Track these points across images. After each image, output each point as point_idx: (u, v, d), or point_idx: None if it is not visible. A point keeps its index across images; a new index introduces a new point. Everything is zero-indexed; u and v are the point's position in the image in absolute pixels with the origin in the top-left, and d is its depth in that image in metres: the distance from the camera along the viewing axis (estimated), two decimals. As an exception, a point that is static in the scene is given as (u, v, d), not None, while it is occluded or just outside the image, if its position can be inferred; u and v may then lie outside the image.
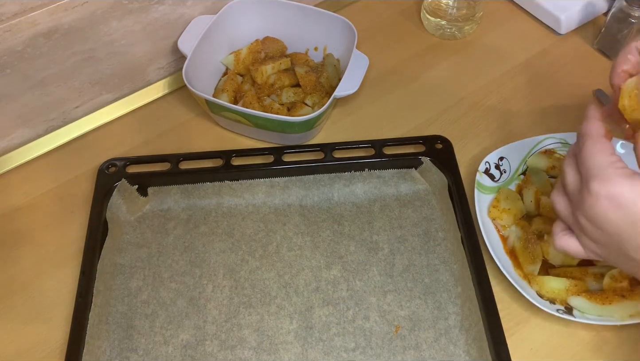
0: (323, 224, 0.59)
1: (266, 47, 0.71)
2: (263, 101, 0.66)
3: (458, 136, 0.66)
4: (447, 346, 0.51)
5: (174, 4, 0.67)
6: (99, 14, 0.62)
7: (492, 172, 0.60)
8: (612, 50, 0.72)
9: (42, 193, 0.63)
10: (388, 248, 0.57)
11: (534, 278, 0.54)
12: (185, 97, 0.71)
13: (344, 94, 0.61)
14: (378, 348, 0.51)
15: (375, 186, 0.62)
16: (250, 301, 0.55)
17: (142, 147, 0.67)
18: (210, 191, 0.61)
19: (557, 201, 0.44)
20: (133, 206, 0.61)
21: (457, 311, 0.53)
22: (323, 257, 0.57)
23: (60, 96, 0.66)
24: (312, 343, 0.52)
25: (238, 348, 0.52)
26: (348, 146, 0.63)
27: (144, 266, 0.57)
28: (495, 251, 0.54)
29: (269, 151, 0.63)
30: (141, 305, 0.54)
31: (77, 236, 0.59)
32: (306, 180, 0.61)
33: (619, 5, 0.68)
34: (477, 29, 0.77)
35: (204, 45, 0.65)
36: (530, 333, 0.53)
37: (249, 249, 0.58)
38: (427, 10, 0.76)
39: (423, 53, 0.75)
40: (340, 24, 0.67)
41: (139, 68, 0.70)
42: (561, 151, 0.62)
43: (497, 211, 0.58)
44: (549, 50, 0.75)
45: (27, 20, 0.57)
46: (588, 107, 0.43)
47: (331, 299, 0.54)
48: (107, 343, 0.52)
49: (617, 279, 0.52)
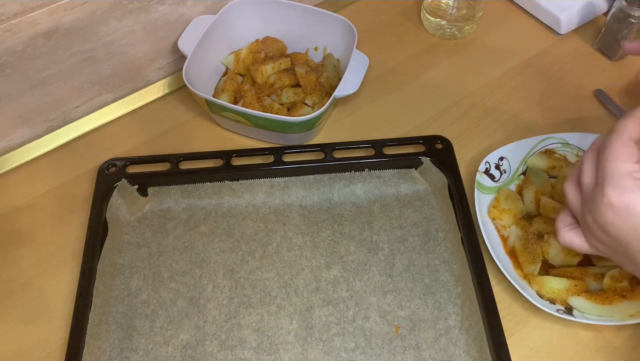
0: (323, 224, 0.59)
1: (266, 47, 0.71)
2: (263, 101, 0.66)
3: (458, 136, 0.66)
4: (447, 346, 0.51)
5: (174, 4, 0.67)
6: (99, 14, 0.62)
7: (492, 172, 0.60)
8: (612, 50, 0.72)
9: (42, 193, 0.63)
10: (388, 248, 0.57)
11: (534, 278, 0.54)
12: (185, 97, 0.71)
13: (344, 94, 0.61)
14: (378, 348, 0.51)
15: (375, 186, 0.62)
16: (250, 301, 0.55)
17: (142, 147, 0.67)
18: (210, 191, 0.61)
19: (570, 193, 0.43)
20: (133, 206, 0.61)
21: (457, 311, 0.53)
22: (323, 257, 0.57)
23: (60, 96, 0.66)
24: (312, 343, 0.52)
25: (238, 348, 0.52)
26: (348, 146, 0.63)
27: (144, 266, 0.57)
28: (495, 251, 0.54)
29: (269, 151, 0.63)
30: (141, 305, 0.54)
31: (77, 236, 0.59)
32: (306, 180, 0.61)
33: (619, 5, 0.68)
34: (477, 29, 0.77)
35: (204, 45, 0.65)
36: (530, 333, 0.53)
37: (249, 249, 0.58)
38: (427, 10, 0.76)
39: (423, 53, 0.75)
40: (340, 24, 0.67)
41: (139, 68, 0.70)
42: (561, 151, 0.62)
43: (497, 211, 0.58)
44: (549, 51, 0.75)
45: (27, 20, 0.57)
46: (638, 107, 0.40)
47: (331, 299, 0.54)
48: (107, 343, 0.52)
49: (617, 279, 0.52)
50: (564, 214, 0.45)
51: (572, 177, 0.43)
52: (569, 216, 0.44)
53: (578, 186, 0.42)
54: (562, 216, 0.45)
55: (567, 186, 0.44)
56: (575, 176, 0.43)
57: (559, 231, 0.44)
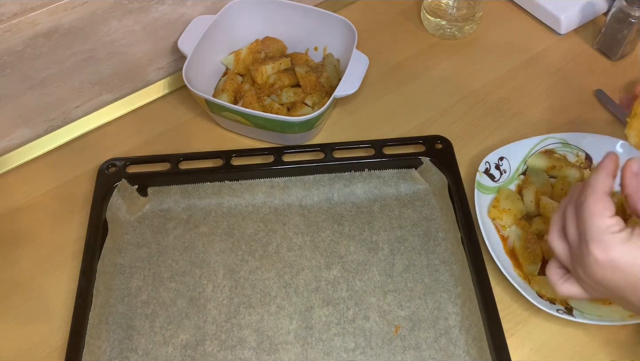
0: (323, 224, 0.59)
1: (266, 47, 0.71)
2: (263, 101, 0.66)
3: (458, 136, 0.66)
4: (447, 346, 0.51)
5: (174, 4, 0.67)
6: (99, 14, 0.62)
7: (492, 173, 0.60)
8: (612, 50, 0.72)
9: (42, 193, 0.63)
10: (388, 248, 0.57)
11: (534, 278, 0.54)
12: (185, 97, 0.71)
13: (344, 94, 0.61)
14: (378, 348, 0.51)
15: (375, 186, 0.62)
16: (250, 301, 0.55)
17: (142, 147, 0.67)
18: (210, 191, 0.61)
19: (556, 245, 0.44)
20: (133, 206, 0.61)
21: (457, 311, 0.53)
22: (323, 257, 0.57)
23: (60, 96, 0.66)
24: (312, 343, 0.52)
25: (238, 348, 0.52)
26: (348, 146, 0.63)
27: (144, 266, 0.57)
28: (495, 251, 0.54)
29: (269, 151, 0.63)
30: (141, 305, 0.54)
31: (77, 236, 0.59)
32: (306, 180, 0.61)
33: (619, 5, 0.68)
34: (477, 29, 0.77)
35: (204, 45, 0.65)
36: (530, 333, 0.53)
37: (249, 249, 0.58)
38: (427, 10, 0.76)
39: (423, 53, 0.75)
40: (340, 24, 0.67)
41: (139, 68, 0.70)
42: (561, 151, 0.62)
43: (497, 211, 0.58)
44: (549, 51, 0.75)
45: (27, 20, 0.57)
46: (608, 154, 0.42)
47: (331, 299, 0.54)
48: (107, 343, 0.52)
49: (617, 279, 0.52)
50: (553, 265, 0.45)
51: (555, 228, 0.44)
52: (559, 267, 0.45)
53: (563, 238, 0.43)
54: (553, 269, 0.45)
55: (552, 238, 0.44)
56: (558, 227, 0.44)
57: (555, 285, 0.45)
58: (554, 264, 0.45)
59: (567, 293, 0.44)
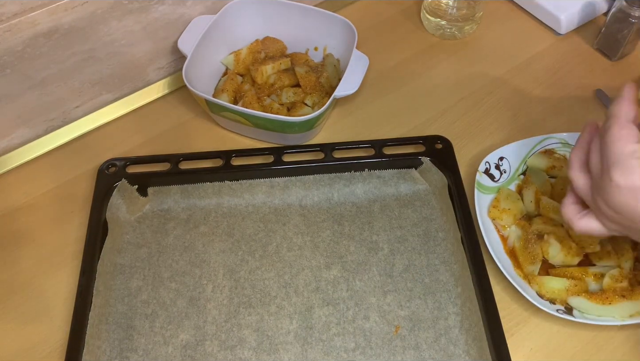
0: (323, 224, 0.59)
1: (266, 47, 0.71)
2: (263, 101, 0.66)
3: (458, 136, 0.66)
4: (447, 346, 0.51)
5: (174, 4, 0.67)
6: (99, 14, 0.62)
7: (492, 172, 0.60)
8: (612, 50, 0.72)
9: (42, 193, 0.63)
10: (388, 248, 0.57)
11: (534, 278, 0.54)
12: (185, 97, 0.71)
13: (344, 94, 0.61)
14: (378, 348, 0.51)
15: (375, 186, 0.62)
16: (250, 301, 0.55)
17: (142, 147, 0.67)
18: (210, 191, 0.61)
19: (577, 179, 0.43)
20: (133, 206, 0.61)
21: (457, 311, 0.53)
22: (323, 257, 0.57)
23: (60, 96, 0.66)
24: (312, 343, 0.52)
25: (238, 348, 0.52)
26: (348, 146, 0.63)
27: (144, 266, 0.57)
28: (495, 251, 0.54)
29: (269, 151, 0.63)
30: (141, 305, 0.54)
31: (77, 236, 0.59)
32: (306, 180, 0.61)
33: (619, 5, 0.68)
34: (477, 29, 0.77)
35: (204, 45, 0.65)
36: (530, 333, 0.53)
37: (249, 249, 0.58)
38: (427, 10, 0.76)
39: (423, 53, 0.75)
40: (340, 24, 0.67)
41: (139, 68, 0.70)
42: (561, 151, 0.62)
43: (497, 211, 0.58)
44: (549, 50, 0.75)
45: (27, 20, 0.57)
46: (625, 86, 0.42)
47: (331, 299, 0.54)
48: (107, 343, 0.52)
49: (617, 279, 0.52)
50: (569, 202, 0.44)
51: (575, 161, 0.44)
52: (575, 204, 0.44)
53: (583, 172, 0.43)
54: (569, 205, 0.44)
55: (573, 172, 0.44)
56: (578, 160, 0.44)
57: (572, 220, 0.44)
58: (569, 200, 0.44)
59: (585, 228, 0.43)
